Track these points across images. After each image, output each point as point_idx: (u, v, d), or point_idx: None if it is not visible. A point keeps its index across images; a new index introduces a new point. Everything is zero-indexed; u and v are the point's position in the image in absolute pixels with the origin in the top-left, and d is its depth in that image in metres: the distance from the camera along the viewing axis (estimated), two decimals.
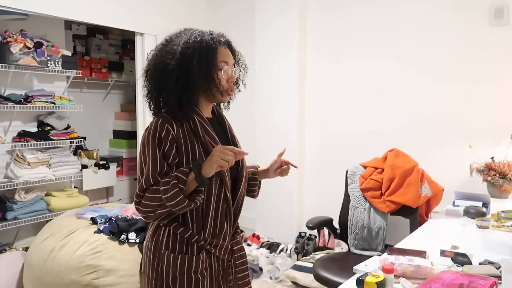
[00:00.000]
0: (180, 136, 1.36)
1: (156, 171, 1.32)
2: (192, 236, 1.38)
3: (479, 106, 3.21)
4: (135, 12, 3.87)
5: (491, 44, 3.14)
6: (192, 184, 1.31)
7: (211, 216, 1.40)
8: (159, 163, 1.32)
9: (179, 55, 1.36)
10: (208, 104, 1.48)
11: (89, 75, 4.57)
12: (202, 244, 1.39)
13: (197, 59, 1.36)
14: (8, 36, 3.17)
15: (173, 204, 1.28)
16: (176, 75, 1.36)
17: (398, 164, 2.68)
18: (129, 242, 2.54)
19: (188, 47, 1.37)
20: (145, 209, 1.32)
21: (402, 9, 3.53)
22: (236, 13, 4.48)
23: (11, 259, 2.92)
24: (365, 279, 1.31)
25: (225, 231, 1.45)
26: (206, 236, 1.40)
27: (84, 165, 3.92)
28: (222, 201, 1.42)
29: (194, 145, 1.37)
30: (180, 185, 1.28)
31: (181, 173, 1.30)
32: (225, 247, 1.44)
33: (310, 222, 2.71)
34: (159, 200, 1.29)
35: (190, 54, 1.36)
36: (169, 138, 1.34)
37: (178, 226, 1.39)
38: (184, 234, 1.38)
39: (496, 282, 1.32)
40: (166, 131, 1.34)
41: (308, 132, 4.12)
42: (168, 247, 1.38)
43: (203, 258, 1.39)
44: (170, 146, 1.34)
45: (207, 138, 1.39)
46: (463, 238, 1.98)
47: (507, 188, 2.81)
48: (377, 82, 3.68)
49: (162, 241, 1.39)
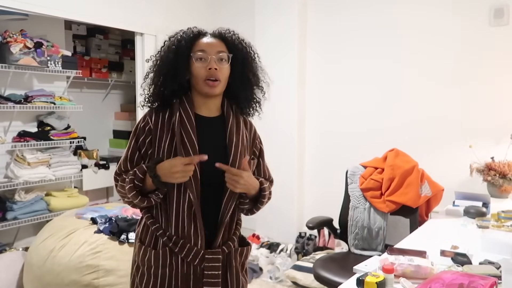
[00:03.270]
0: (158, 127, 1.40)
1: (127, 159, 1.41)
2: (158, 230, 1.40)
3: (479, 106, 3.21)
4: (135, 12, 3.87)
5: (491, 44, 3.14)
6: (150, 184, 1.35)
7: (176, 214, 1.38)
8: (130, 152, 1.42)
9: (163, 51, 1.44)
10: (204, 99, 1.44)
11: (89, 75, 4.56)
12: (165, 241, 1.38)
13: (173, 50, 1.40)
14: (8, 36, 3.16)
15: (131, 198, 1.36)
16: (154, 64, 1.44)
17: (398, 164, 2.68)
18: (129, 242, 2.54)
19: (169, 41, 1.44)
20: (119, 194, 1.43)
21: (402, 9, 3.53)
22: (236, 13, 4.48)
23: (11, 259, 2.92)
24: (365, 279, 1.31)
25: (194, 234, 1.37)
26: (172, 234, 1.39)
27: (84, 165, 3.92)
28: (187, 205, 1.36)
29: (167, 137, 1.39)
30: (136, 181, 1.35)
31: (139, 169, 1.36)
32: (195, 251, 1.37)
33: (310, 222, 2.71)
34: (126, 190, 1.37)
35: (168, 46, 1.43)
36: (146, 129, 1.41)
37: (150, 217, 1.43)
38: (152, 225, 1.42)
39: (496, 282, 1.32)
40: (145, 122, 1.42)
41: (308, 131, 4.12)
42: (141, 239, 1.46)
43: (166, 254, 1.38)
44: (145, 136, 1.41)
45: (180, 131, 1.37)
46: (463, 238, 1.98)
47: (507, 188, 2.81)
48: (377, 82, 3.68)
49: (139, 231, 1.48)
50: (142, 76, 1.51)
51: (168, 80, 1.40)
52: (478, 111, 3.22)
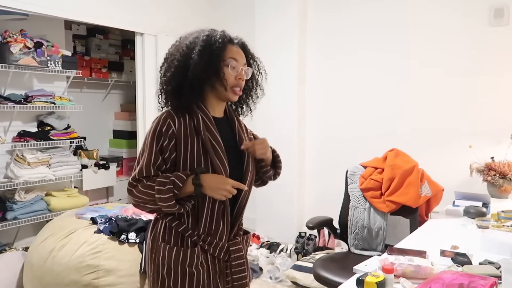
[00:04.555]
0: (181, 132, 1.38)
1: (150, 163, 1.36)
2: (186, 231, 1.40)
3: (479, 106, 3.21)
4: (135, 12, 3.87)
5: (491, 44, 3.14)
6: (187, 191, 1.34)
7: (206, 214, 1.41)
8: (153, 157, 1.36)
9: (185, 47, 1.40)
10: (218, 102, 1.49)
11: (89, 75, 4.57)
12: (195, 240, 1.40)
13: (199, 50, 1.38)
14: (8, 36, 3.16)
15: (164, 206, 1.33)
16: (178, 65, 1.39)
17: (398, 164, 2.68)
18: (129, 242, 2.53)
19: (195, 41, 1.41)
20: (136, 199, 1.37)
21: (402, 9, 3.53)
22: (236, 12, 4.48)
23: (11, 259, 2.92)
24: (365, 279, 1.31)
25: (221, 231, 1.44)
26: (200, 233, 1.41)
27: (84, 165, 3.92)
28: (219, 203, 1.42)
29: (193, 141, 1.39)
30: (175, 190, 1.32)
31: (179, 179, 1.33)
32: (221, 246, 1.44)
33: (310, 222, 2.71)
34: (151, 196, 1.33)
35: (194, 46, 1.39)
36: (168, 133, 1.37)
37: (174, 220, 1.41)
38: (178, 227, 1.40)
39: (496, 282, 1.32)
40: (167, 126, 1.37)
41: (308, 131, 4.12)
42: (164, 239, 1.42)
43: (198, 253, 1.40)
44: (168, 141, 1.37)
45: (207, 136, 1.40)
46: (463, 238, 1.98)
47: (507, 188, 2.81)
48: (377, 82, 3.68)
49: (159, 233, 1.43)
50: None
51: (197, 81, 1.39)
52: (478, 111, 3.22)
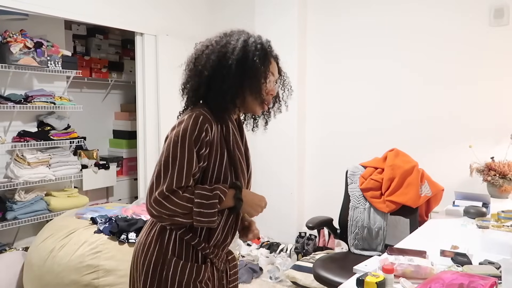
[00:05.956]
0: (214, 140, 1.30)
1: (191, 173, 1.24)
2: (199, 244, 1.34)
3: (479, 106, 3.21)
4: (135, 12, 3.87)
5: (491, 44, 3.14)
6: (225, 206, 1.31)
7: (219, 227, 1.36)
8: (193, 164, 1.25)
9: (240, 51, 1.32)
10: (235, 112, 1.42)
11: (89, 75, 4.56)
12: (207, 253, 1.35)
13: (255, 60, 1.33)
14: (8, 36, 3.16)
15: (203, 220, 1.23)
16: (234, 70, 1.30)
17: (398, 164, 2.68)
18: (129, 242, 2.54)
19: (249, 46, 1.35)
20: (165, 211, 1.21)
21: (401, 9, 3.53)
22: (236, 13, 4.48)
23: (11, 259, 2.92)
24: (365, 279, 1.31)
25: (227, 243, 1.42)
26: (210, 245, 1.36)
27: (84, 165, 3.92)
28: (233, 216, 1.39)
29: (223, 152, 1.33)
30: (219, 205, 1.26)
31: (222, 193, 1.27)
32: (222, 257, 1.43)
33: (310, 222, 2.71)
34: (185, 209, 1.22)
35: (251, 53, 1.33)
36: (206, 140, 1.27)
37: (186, 232, 1.32)
38: (191, 241, 1.33)
39: (496, 282, 1.32)
40: (205, 132, 1.27)
41: (308, 132, 4.12)
42: (175, 253, 1.32)
43: (207, 267, 1.36)
44: (205, 149, 1.27)
45: (235, 148, 1.35)
46: (463, 238, 1.98)
47: (507, 188, 2.81)
48: (377, 82, 3.68)
49: (168, 246, 1.32)
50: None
51: (241, 89, 1.33)
52: (478, 111, 3.22)
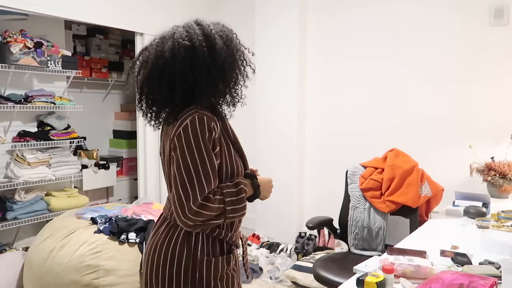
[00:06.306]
0: (220, 137, 1.29)
1: (216, 175, 1.24)
2: (226, 236, 1.35)
3: (479, 106, 3.21)
4: (135, 12, 3.87)
5: (491, 44, 3.14)
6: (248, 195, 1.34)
7: None
8: (218, 166, 1.25)
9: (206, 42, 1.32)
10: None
11: (89, 75, 4.57)
12: (233, 241, 1.39)
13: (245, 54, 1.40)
14: (8, 36, 3.16)
15: (236, 216, 1.27)
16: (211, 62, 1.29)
17: (398, 164, 2.68)
18: (129, 242, 2.54)
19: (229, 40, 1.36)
20: (200, 219, 1.19)
21: (401, 9, 3.53)
22: (236, 13, 4.48)
23: (11, 259, 2.92)
24: (365, 279, 1.31)
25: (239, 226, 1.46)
26: (232, 233, 1.39)
27: (84, 165, 3.92)
28: None
29: (229, 145, 1.34)
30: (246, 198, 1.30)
31: (245, 186, 1.30)
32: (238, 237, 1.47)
33: (310, 222, 2.71)
34: (218, 211, 1.22)
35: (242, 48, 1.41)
36: (216, 138, 1.26)
37: (213, 230, 1.32)
38: (219, 236, 1.33)
39: (496, 282, 1.32)
40: (214, 131, 1.25)
41: (308, 132, 4.12)
42: (204, 252, 1.30)
43: (235, 254, 1.41)
44: (217, 147, 1.27)
45: (237, 138, 1.39)
46: (463, 238, 1.98)
47: (507, 188, 2.81)
48: (377, 82, 3.68)
49: (197, 247, 1.30)
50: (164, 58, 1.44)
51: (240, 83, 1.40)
52: (478, 111, 3.22)
